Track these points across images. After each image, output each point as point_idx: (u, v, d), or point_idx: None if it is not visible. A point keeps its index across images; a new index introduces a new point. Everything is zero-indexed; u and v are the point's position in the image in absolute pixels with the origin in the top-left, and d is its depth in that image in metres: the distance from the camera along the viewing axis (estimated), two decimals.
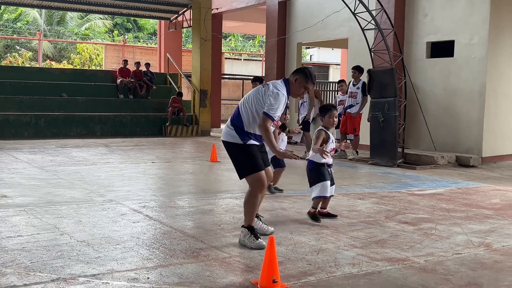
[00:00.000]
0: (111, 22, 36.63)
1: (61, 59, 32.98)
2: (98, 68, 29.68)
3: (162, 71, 22.15)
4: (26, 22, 34.57)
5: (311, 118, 12.23)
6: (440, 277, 4.39)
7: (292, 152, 5.28)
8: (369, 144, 12.21)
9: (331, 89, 22.56)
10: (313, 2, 15.44)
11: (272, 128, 5.18)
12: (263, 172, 5.11)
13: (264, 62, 24.17)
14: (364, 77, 12.29)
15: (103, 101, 17.94)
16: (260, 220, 5.64)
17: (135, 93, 18.95)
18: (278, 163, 7.23)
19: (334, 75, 31.44)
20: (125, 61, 20.17)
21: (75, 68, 29.27)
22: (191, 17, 19.33)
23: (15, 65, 27.23)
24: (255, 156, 5.10)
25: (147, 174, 9.77)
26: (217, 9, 20.01)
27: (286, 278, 4.21)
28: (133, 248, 4.99)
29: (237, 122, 5.11)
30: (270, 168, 5.56)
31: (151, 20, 32.43)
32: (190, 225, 5.99)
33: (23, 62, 29.91)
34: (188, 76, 20.05)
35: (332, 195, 6.37)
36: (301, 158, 6.07)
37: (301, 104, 12.65)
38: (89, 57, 32.09)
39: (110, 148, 13.48)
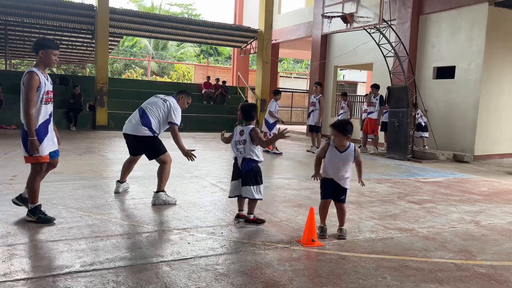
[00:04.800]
0: (199, 48, 37.18)
1: (163, 74, 33.81)
2: (189, 81, 30.22)
3: (234, 85, 22.33)
4: (139, 48, 35.60)
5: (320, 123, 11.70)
6: (438, 244, 4.26)
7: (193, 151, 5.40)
8: (386, 142, 11.95)
9: (358, 101, 22.12)
10: (347, 35, 15.14)
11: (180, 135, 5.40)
12: (167, 152, 5.43)
13: (308, 80, 23.92)
14: (383, 92, 12.06)
15: (192, 105, 17.84)
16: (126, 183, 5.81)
17: (214, 100, 19.23)
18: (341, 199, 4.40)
19: (361, 91, 30.76)
20: (208, 77, 20.45)
21: (173, 81, 29.92)
22: (256, 46, 19.37)
23: (131, 78, 28.11)
24: (162, 142, 5.43)
25: (222, 158, 9.89)
26: (275, 40, 19.97)
27: (321, 239, 4.19)
28: (211, 211, 5.09)
29: (147, 123, 5.30)
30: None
31: (227, 48, 32.66)
32: None
33: (136, 76, 30.84)
34: (252, 89, 20.14)
35: (246, 197, 4.54)
36: (307, 150, 4.43)
37: (312, 110, 12.02)
38: (183, 74, 32.73)
39: (196, 139, 13.72)
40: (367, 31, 11.28)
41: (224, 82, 19.93)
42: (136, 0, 38.64)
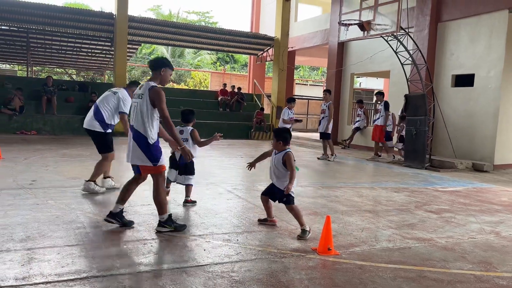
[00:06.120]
0: (215, 56, 37.43)
1: (180, 81, 34.09)
2: (205, 89, 30.41)
3: (250, 92, 22.38)
4: (157, 55, 36.04)
5: (328, 128, 11.67)
6: (457, 255, 4.18)
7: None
8: (402, 150, 11.82)
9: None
10: (364, 42, 15.07)
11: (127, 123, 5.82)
12: (113, 151, 6.13)
13: (324, 87, 23.87)
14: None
15: (208, 112, 18.36)
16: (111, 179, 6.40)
17: (230, 107, 19.30)
18: None
19: None
20: (224, 85, 20.56)
21: (189, 88, 30.15)
22: (273, 53, 19.43)
23: None
24: (111, 141, 6.04)
25: (237, 165, 9.90)
26: (292, 47, 20.01)
27: (337, 248, 4.15)
28: (227, 218, 5.09)
29: (99, 117, 5.87)
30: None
31: (244, 55, 32.78)
32: None
33: None
34: (268, 96, 20.16)
35: (182, 183, 5.69)
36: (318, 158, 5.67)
37: (322, 117, 12.06)
38: (199, 81, 32.97)
39: (212, 146, 13.75)
40: (384, 39, 11.21)
41: (239, 89, 20.01)
42: (154, 9, 39.19)
